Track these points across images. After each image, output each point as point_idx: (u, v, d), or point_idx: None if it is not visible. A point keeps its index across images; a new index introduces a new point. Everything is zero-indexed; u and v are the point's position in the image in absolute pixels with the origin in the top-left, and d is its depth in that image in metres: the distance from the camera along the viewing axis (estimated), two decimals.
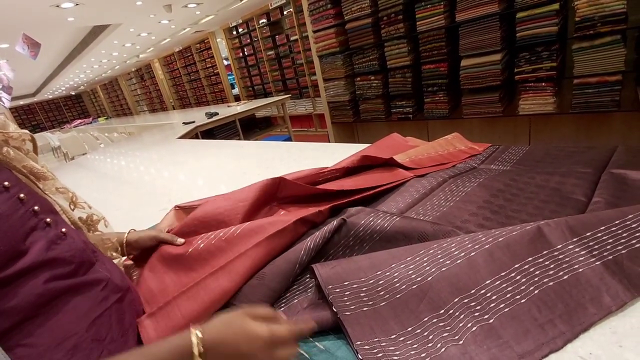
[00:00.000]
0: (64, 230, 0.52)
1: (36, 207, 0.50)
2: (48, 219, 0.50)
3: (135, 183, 1.67)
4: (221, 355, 0.38)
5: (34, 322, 0.43)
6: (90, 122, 10.56)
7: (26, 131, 0.58)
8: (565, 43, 2.27)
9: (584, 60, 2.01)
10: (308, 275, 0.61)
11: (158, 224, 0.94)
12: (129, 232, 0.74)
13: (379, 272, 0.52)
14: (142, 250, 0.74)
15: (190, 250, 0.66)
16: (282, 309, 0.57)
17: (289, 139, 4.09)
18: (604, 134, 2.26)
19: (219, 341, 0.38)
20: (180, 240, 0.70)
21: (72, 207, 0.61)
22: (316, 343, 0.49)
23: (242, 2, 4.90)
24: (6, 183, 0.48)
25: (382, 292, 0.50)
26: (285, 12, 5.27)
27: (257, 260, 0.61)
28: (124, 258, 0.73)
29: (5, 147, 0.53)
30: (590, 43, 1.95)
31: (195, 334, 0.37)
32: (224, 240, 0.65)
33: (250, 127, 4.22)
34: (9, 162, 0.53)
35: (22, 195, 0.49)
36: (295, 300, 0.58)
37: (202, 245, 0.66)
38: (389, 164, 1.01)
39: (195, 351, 0.36)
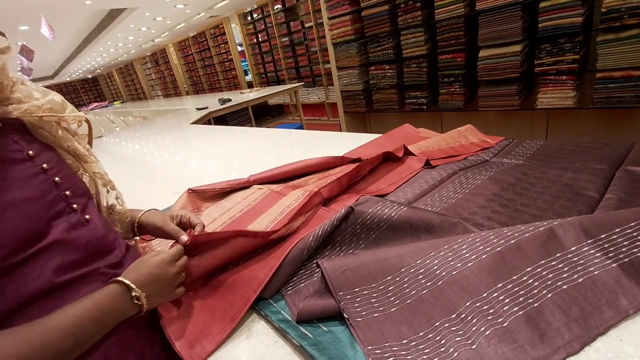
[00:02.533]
0: (87, 217, 0.53)
1: (68, 192, 0.52)
2: (75, 205, 0.52)
3: (149, 166, 1.70)
4: (145, 284, 0.50)
5: (40, 307, 0.44)
6: (106, 106, 10.72)
7: (81, 114, 0.60)
8: (590, 35, 2.18)
9: (608, 53, 1.93)
10: (315, 261, 0.62)
11: (172, 206, 0.96)
12: (144, 212, 0.69)
13: (389, 278, 0.52)
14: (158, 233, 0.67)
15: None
16: (289, 292, 0.59)
17: (300, 127, 4.09)
18: (625, 130, 2.19)
19: (138, 275, 0.51)
20: (184, 237, 0.59)
21: (108, 190, 0.65)
22: (320, 325, 0.50)
23: None
24: (45, 165, 0.50)
25: (392, 298, 0.50)
26: None
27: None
28: (137, 238, 0.72)
29: (56, 127, 0.56)
30: (616, 35, 1.88)
31: (121, 280, 0.49)
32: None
33: (262, 115, 4.22)
34: (56, 142, 0.56)
35: (57, 178, 0.51)
36: (302, 285, 0.60)
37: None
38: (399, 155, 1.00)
39: (133, 285, 0.49)
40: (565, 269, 0.47)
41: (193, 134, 2.33)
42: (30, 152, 0.50)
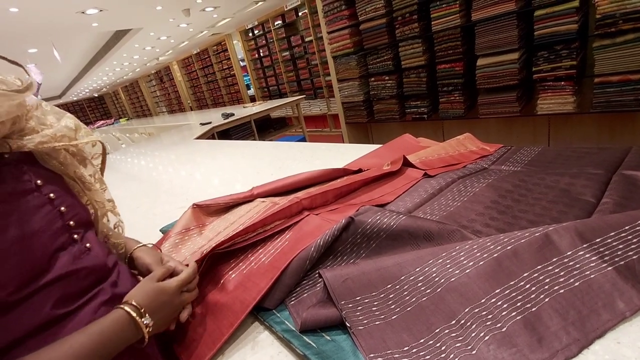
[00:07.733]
0: (88, 245, 0.51)
1: (72, 222, 0.49)
2: (76, 235, 0.50)
3: (154, 182, 1.73)
4: (150, 309, 0.49)
5: (40, 340, 0.41)
6: (112, 123, 10.87)
7: (95, 136, 0.58)
8: (586, 41, 2.21)
9: (605, 58, 1.95)
10: (317, 271, 0.64)
11: (177, 221, 0.98)
12: (139, 247, 0.64)
13: (389, 286, 0.53)
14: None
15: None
16: (293, 302, 0.60)
17: (303, 139, 4.13)
18: (627, 133, 2.19)
19: (147, 301, 0.49)
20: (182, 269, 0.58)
21: (108, 219, 0.61)
22: (323, 334, 0.51)
23: (258, 4, 4.98)
24: (51, 195, 0.48)
25: (393, 306, 0.51)
26: (300, 14, 5.32)
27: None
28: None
29: (64, 154, 0.53)
30: (611, 40, 1.90)
31: (131, 303, 0.47)
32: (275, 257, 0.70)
33: (265, 128, 4.28)
34: (63, 170, 0.53)
35: (63, 208, 0.49)
36: (305, 295, 0.61)
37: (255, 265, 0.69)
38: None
39: (142, 310, 0.47)
40: (562, 273, 0.48)
41: (197, 149, 2.37)
42: (39, 181, 0.48)
